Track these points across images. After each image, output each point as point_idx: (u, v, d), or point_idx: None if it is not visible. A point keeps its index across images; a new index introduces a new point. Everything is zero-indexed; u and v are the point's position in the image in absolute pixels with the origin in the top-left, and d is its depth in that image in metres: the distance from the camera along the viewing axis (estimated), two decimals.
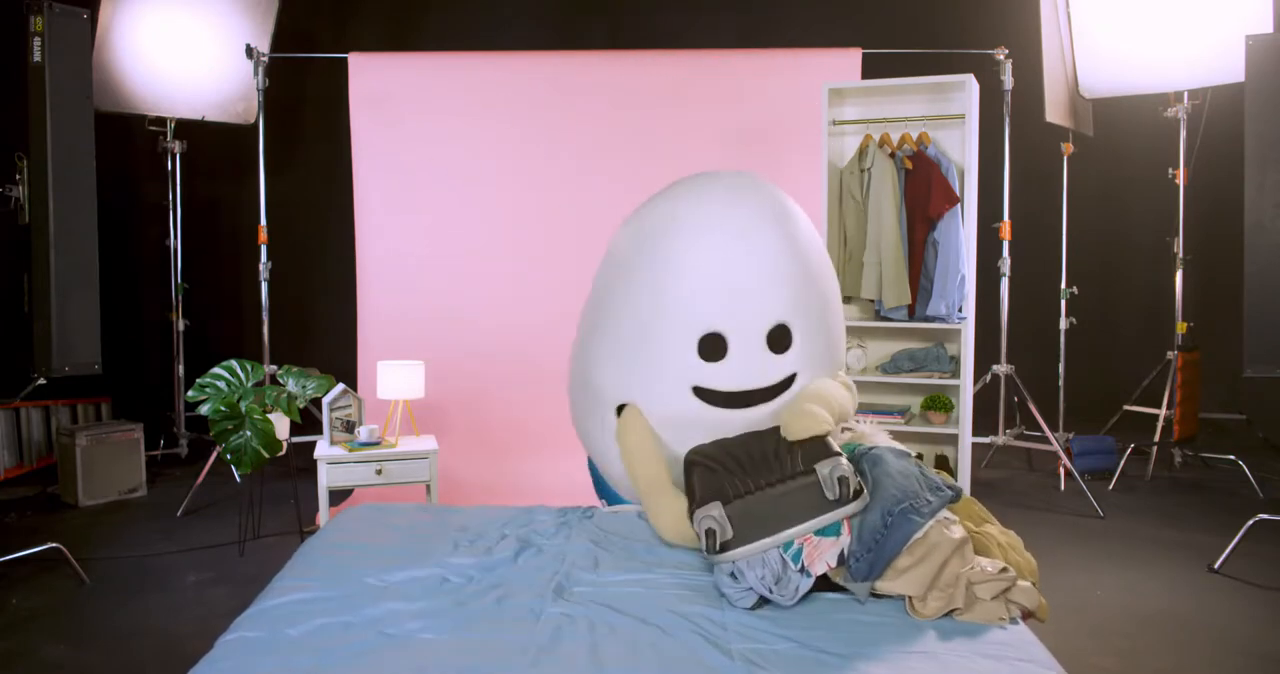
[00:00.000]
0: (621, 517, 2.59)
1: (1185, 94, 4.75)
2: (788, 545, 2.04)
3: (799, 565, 2.01)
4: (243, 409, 3.58)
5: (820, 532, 2.06)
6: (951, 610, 1.91)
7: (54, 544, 3.50)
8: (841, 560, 2.04)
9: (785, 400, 2.52)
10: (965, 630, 1.84)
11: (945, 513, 2.08)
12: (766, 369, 2.48)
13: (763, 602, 2.01)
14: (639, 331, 2.52)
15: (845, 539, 2.06)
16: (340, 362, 4.96)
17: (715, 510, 2.11)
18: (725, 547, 2.05)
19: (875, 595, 2.01)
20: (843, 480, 2.07)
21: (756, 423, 2.49)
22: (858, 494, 2.07)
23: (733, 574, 2.04)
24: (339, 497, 4.24)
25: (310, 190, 5.82)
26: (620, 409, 2.60)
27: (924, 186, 3.85)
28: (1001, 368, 4.88)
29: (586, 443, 2.80)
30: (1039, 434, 4.96)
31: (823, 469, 2.11)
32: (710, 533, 2.08)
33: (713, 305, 2.44)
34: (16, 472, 4.79)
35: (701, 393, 2.49)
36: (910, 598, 1.95)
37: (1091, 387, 5.79)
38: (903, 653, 1.74)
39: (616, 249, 2.65)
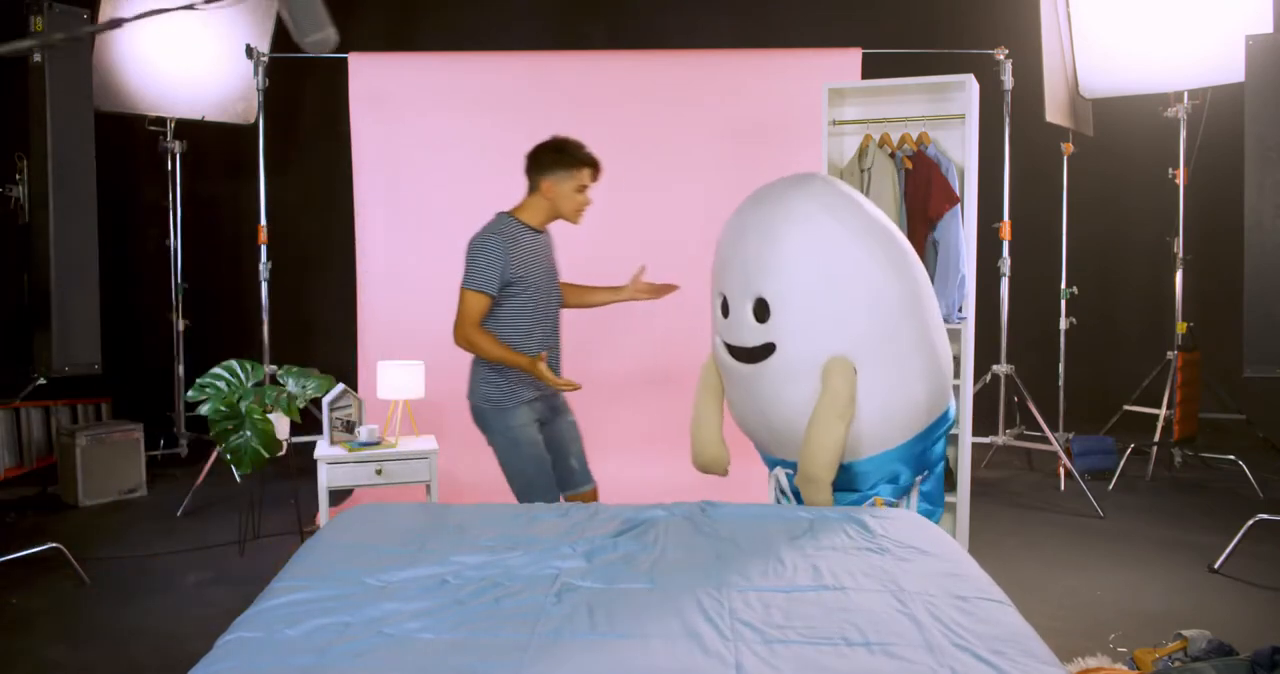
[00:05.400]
0: (623, 515, 2.59)
1: (1185, 94, 4.75)
2: None
3: None
4: (243, 409, 3.58)
5: None
6: None
7: (54, 544, 3.50)
8: None
9: (775, 364, 2.74)
10: (965, 627, 1.84)
11: None
12: (746, 333, 2.77)
13: None
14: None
15: None
16: (340, 362, 4.96)
17: None
18: None
19: None
20: None
21: (764, 375, 2.78)
22: None
23: None
24: (339, 497, 4.23)
25: (310, 190, 5.81)
26: None
27: (924, 186, 3.84)
28: (1001, 368, 4.88)
29: None
30: (1039, 434, 4.96)
31: None
32: None
33: (723, 271, 2.86)
34: (16, 472, 4.79)
35: (725, 344, 2.86)
36: None
37: (1091, 387, 5.79)
38: (905, 645, 1.75)
39: None
